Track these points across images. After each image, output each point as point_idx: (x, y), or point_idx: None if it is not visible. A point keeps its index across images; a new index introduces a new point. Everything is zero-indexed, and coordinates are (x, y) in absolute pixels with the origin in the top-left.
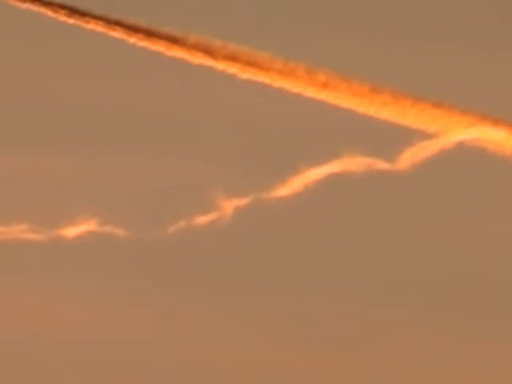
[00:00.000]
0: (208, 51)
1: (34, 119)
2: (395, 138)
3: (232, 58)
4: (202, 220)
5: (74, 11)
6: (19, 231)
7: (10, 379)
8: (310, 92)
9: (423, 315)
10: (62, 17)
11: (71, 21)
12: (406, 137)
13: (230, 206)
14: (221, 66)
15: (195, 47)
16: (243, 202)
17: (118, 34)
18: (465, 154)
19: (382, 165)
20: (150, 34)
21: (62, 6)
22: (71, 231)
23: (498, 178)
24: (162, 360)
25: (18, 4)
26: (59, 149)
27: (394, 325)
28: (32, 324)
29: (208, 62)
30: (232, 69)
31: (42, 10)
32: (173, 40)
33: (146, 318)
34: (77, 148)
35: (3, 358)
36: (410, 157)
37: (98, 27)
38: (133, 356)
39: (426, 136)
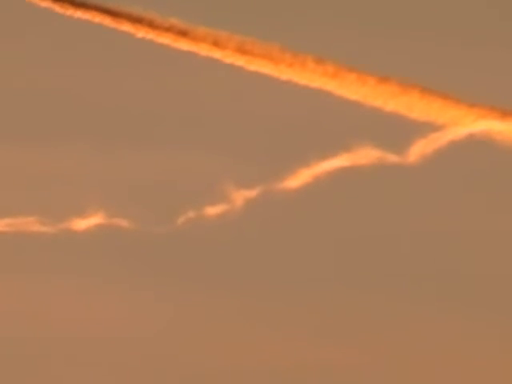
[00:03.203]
0: (216, 43)
1: (42, 114)
2: (404, 131)
3: (240, 49)
4: (211, 211)
5: (80, 4)
6: (28, 223)
7: (22, 374)
8: (319, 83)
9: (436, 309)
10: (68, 11)
11: (78, 14)
12: (415, 129)
13: (239, 197)
14: (229, 58)
15: (203, 39)
16: (253, 193)
17: (125, 27)
18: (474, 146)
19: (391, 157)
20: (156, 26)
21: (71, 1)
22: (80, 224)
23: (507, 170)
24: (170, 355)
25: None
26: (68, 142)
27: (408, 318)
28: (38, 317)
29: (216, 54)
30: (240, 61)
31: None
32: (180, 32)
33: (155, 312)
34: (86, 141)
35: (13, 353)
36: (419, 149)
37: (105, 20)
38: (139, 351)
39: (435, 128)
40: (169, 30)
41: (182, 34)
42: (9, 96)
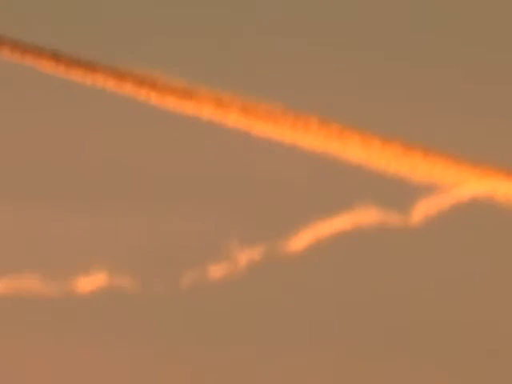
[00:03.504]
0: (218, 104)
1: (45, 174)
2: (408, 192)
3: (243, 111)
4: (215, 270)
5: (82, 65)
6: (29, 283)
7: None
8: (323, 145)
9: (436, 369)
10: (71, 72)
11: (80, 75)
12: (418, 190)
13: (243, 256)
14: (232, 119)
15: (205, 100)
16: (256, 252)
17: (126, 88)
18: (478, 208)
19: (394, 218)
20: (159, 87)
21: (73, 61)
22: (82, 285)
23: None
24: None
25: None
26: (72, 203)
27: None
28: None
29: (219, 115)
30: (243, 122)
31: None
32: (183, 93)
33: (158, 373)
34: (89, 202)
35: None
36: (422, 211)
37: (107, 81)
38: None
39: (438, 190)
40: (171, 91)
41: (185, 95)
42: (12, 156)
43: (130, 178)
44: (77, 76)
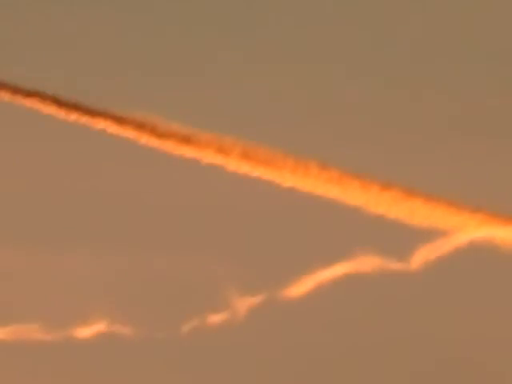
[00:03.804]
0: (219, 149)
1: (44, 219)
2: (407, 237)
3: (243, 155)
4: (214, 319)
5: (83, 110)
6: (30, 330)
7: None
8: (322, 190)
9: None
10: (72, 116)
11: (81, 120)
12: (417, 236)
13: (243, 304)
14: (231, 164)
15: (206, 145)
16: (256, 300)
17: (127, 132)
18: (477, 253)
19: (394, 264)
20: (159, 132)
21: (74, 106)
22: (82, 331)
23: (511, 276)
24: None
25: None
26: (70, 247)
27: None
28: None
29: (219, 159)
30: (243, 166)
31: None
32: (183, 138)
33: None
34: (88, 245)
35: None
36: (422, 256)
37: (108, 126)
38: None
39: (438, 235)
40: (172, 135)
41: (185, 139)
42: (10, 200)
43: (130, 224)
44: (78, 120)
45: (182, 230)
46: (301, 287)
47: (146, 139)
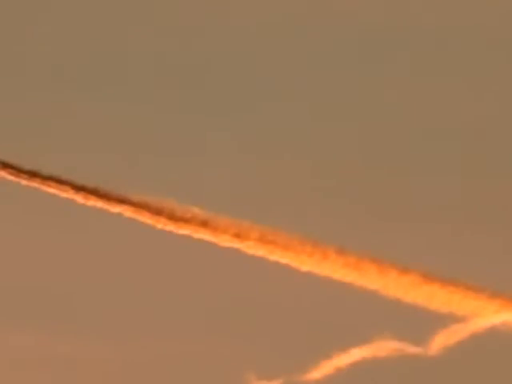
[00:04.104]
0: (236, 234)
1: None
2: (426, 322)
3: (261, 240)
4: None
5: (101, 195)
6: None
7: None
8: (340, 274)
9: None
10: (89, 201)
11: (99, 205)
12: (436, 321)
13: None
14: (249, 248)
15: (223, 230)
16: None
17: (144, 217)
18: (496, 338)
19: (412, 349)
20: (176, 217)
21: (92, 191)
22: None
23: None
24: None
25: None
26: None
27: None
28: None
29: (237, 244)
30: (261, 251)
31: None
32: (201, 223)
33: None
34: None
35: None
36: (440, 341)
37: (125, 211)
38: None
39: (456, 320)
40: (189, 220)
41: (203, 224)
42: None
43: (146, 308)
44: (94, 204)
45: (201, 313)
46: (319, 371)
47: (162, 224)
